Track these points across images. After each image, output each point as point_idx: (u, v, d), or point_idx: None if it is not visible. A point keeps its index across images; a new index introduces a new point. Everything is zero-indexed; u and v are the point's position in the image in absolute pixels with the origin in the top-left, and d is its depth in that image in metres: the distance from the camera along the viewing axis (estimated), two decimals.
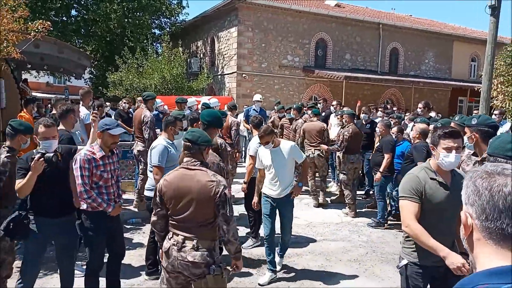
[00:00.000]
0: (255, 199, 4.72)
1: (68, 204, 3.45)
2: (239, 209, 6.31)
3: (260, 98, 10.11)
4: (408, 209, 2.59)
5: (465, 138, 3.41)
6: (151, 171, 4.33)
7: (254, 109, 9.74)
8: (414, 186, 2.61)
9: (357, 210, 7.23)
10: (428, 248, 2.46)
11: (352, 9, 22.10)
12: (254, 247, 5.42)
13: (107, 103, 10.36)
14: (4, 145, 3.48)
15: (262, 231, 5.59)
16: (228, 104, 8.79)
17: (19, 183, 3.15)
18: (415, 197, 2.58)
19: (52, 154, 3.23)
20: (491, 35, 9.52)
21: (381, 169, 6.40)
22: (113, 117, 8.46)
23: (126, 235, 5.23)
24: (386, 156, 6.40)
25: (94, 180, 3.39)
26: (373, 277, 4.68)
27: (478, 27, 37.55)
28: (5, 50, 5.71)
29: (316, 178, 7.76)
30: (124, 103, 9.16)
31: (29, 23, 6.42)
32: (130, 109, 9.28)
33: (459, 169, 3.68)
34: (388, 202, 6.98)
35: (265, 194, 4.54)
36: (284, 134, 8.73)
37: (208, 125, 3.52)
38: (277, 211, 4.55)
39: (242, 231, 5.86)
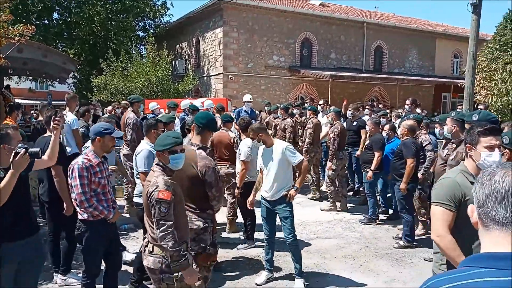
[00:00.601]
0: (250, 198, 4.66)
1: (35, 220, 3.11)
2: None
3: (250, 99, 9.85)
4: (441, 217, 2.29)
5: (465, 133, 3.49)
6: (137, 178, 4.30)
7: (244, 111, 9.52)
8: (452, 192, 2.32)
9: (348, 206, 7.32)
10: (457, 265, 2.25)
11: (337, 8, 22.28)
12: (249, 248, 5.40)
13: (99, 107, 10.26)
14: None
15: (260, 234, 5.61)
16: (216, 105, 8.72)
17: None
18: (451, 205, 2.29)
19: (38, 149, 2.89)
20: (473, 32, 9.69)
21: (372, 167, 6.46)
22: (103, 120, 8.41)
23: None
24: (376, 154, 6.46)
25: (92, 187, 3.34)
26: (368, 272, 4.72)
27: (460, 24, 38.37)
28: None
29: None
30: (117, 108, 9.19)
31: (12, 27, 6.29)
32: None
33: None
34: (378, 200, 7.07)
35: (262, 196, 4.46)
36: (278, 135, 8.73)
37: (203, 128, 3.48)
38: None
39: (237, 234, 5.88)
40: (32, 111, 16.46)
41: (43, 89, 29.16)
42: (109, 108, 10.11)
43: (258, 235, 5.63)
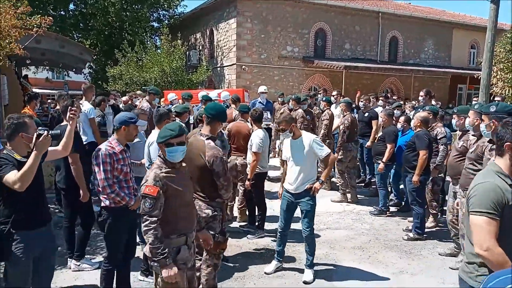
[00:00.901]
0: (280, 190, 4.57)
1: (48, 209, 3.20)
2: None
3: (265, 90, 9.60)
4: (487, 228, 2.02)
5: (482, 125, 3.47)
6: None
7: (260, 102, 9.30)
8: (496, 198, 2.05)
9: (359, 198, 7.35)
10: None
11: None
12: (259, 238, 5.49)
13: (119, 96, 10.29)
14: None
15: (270, 225, 5.68)
16: (232, 96, 8.75)
17: (14, 174, 2.67)
18: (495, 213, 2.03)
19: (58, 131, 3.05)
20: (491, 22, 9.52)
21: (384, 159, 6.47)
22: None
23: None
24: (389, 146, 6.46)
25: (115, 174, 3.41)
26: (377, 263, 4.77)
27: (477, 14, 37.38)
28: (8, 46, 5.73)
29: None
30: (134, 97, 9.40)
31: (30, 18, 6.42)
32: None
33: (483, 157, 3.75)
34: (390, 191, 7.08)
35: (284, 188, 4.40)
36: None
37: (212, 118, 3.51)
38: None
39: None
40: (49, 100, 16.71)
41: (60, 79, 29.62)
42: (125, 98, 10.21)
43: (268, 225, 5.72)
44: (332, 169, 8.52)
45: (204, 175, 3.35)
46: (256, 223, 5.63)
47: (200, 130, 3.75)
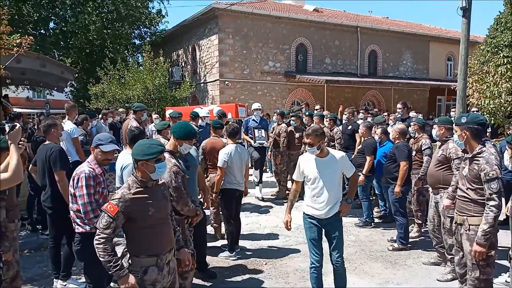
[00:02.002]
0: (286, 218, 3.96)
1: None
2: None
3: (259, 106, 9.04)
4: None
5: (455, 136, 3.59)
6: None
7: (253, 120, 8.88)
8: None
9: None
10: None
11: (330, 13, 22.50)
12: (232, 259, 5.32)
13: (98, 116, 10.06)
14: None
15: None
16: (217, 111, 8.75)
17: (3, 174, 2.65)
18: None
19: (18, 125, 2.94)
20: (464, 36, 9.84)
21: (364, 171, 6.56)
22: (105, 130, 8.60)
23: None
24: (368, 158, 6.58)
25: (95, 198, 3.30)
26: (363, 274, 4.82)
27: (453, 27, 38.63)
28: None
29: None
30: (110, 116, 9.31)
31: (11, 37, 6.41)
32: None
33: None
34: (374, 203, 7.17)
35: (308, 215, 3.82)
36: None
37: (178, 139, 3.68)
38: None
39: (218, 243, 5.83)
40: (30, 120, 16.48)
41: (40, 97, 29.25)
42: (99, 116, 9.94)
43: (251, 243, 5.70)
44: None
45: None
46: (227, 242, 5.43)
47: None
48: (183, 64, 21.90)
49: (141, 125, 7.52)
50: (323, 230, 3.78)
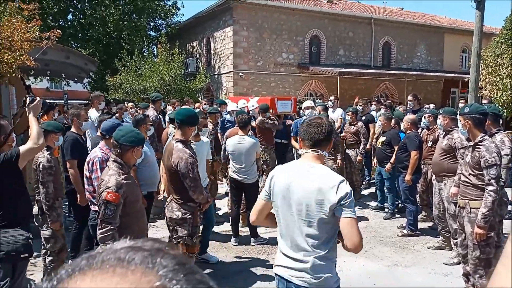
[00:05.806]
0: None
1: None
2: None
3: (311, 104, 7.92)
4: None
5: (459, 125, 3.82)
6: None
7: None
8: None
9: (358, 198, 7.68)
10: None
11: (344, 5, 22.47)
12: (259, 244, 5.57)
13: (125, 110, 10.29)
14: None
15: None
16: (260, 105, 7.73)
17: (25, 145, 2.83)
18: None
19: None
20: (477, 28, 9.92)
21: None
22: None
23: None
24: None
25: None
26: (373, 257, 5.09)
27: (468, 18, 38.04)
28: (20, 58, 6.03)
29: None
30: (125, 110, 9.57)
31: (31, 30, 6.72)
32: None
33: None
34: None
35: None
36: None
37: (181, 123, 3.65)
38: None
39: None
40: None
41: (58, 88, 29.86)
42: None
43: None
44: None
45: (173, 177, 3.55)
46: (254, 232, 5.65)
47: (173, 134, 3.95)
48: (197, 55, 22.17)
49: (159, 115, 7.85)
50: None
